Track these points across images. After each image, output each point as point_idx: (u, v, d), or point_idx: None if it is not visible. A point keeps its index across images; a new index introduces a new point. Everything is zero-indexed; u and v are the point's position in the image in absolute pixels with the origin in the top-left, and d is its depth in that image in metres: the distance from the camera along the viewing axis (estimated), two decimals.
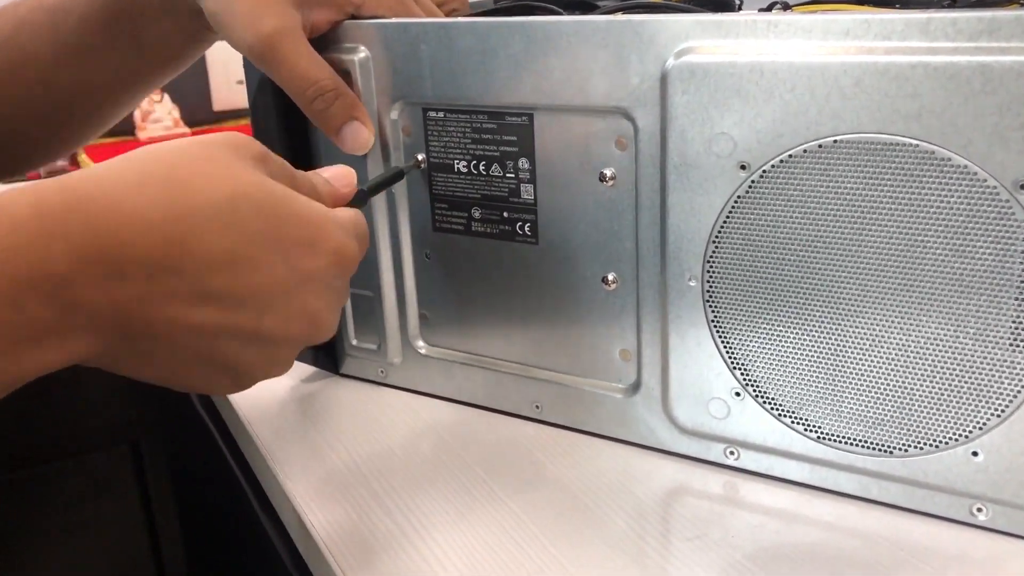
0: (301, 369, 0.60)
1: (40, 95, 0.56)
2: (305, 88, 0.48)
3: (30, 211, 0.31)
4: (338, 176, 0.43)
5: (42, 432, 0.98)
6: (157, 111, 1.41)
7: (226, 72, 1.49)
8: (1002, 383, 0.38)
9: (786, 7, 0.50)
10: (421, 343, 0.55)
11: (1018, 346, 0.37)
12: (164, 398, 1.02)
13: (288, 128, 0.54)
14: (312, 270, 0.37)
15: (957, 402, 0.39)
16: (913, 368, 0.40)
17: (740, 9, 0.63)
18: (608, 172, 0.46)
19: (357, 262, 0.40)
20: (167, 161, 0.35)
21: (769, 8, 0.52)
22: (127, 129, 1.42)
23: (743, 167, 0.41)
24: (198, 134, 1.44)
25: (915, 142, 0.37)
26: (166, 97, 1.42)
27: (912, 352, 0.40)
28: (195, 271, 0.33)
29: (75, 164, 1.27)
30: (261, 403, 0.56)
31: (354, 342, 0.57)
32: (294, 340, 0.38)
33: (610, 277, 0.47)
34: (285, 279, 0.36)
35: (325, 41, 0.51)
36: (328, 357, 0.59)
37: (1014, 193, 0.36)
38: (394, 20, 0.50)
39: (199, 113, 1.48)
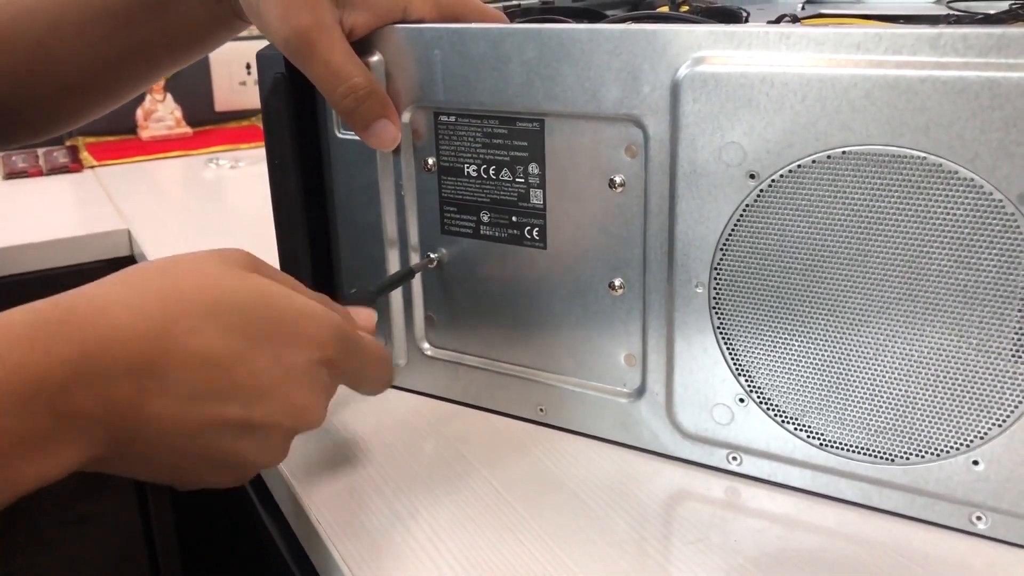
0: None
1: (61, 65, 0.56)
2: (337, 85, 0.48)
3: (27, 328, 0.33)
4: (360, 316, 0.47)
5: None
6: (159, 110, 1.41)
7: (229, 73, 1.49)
8: (1003, 394, 0.39)
9: (794, 20, 0.50)
10: (427, 345, 0.56)
11: (1020, 357, 0.38)
12: None
13: (299, 128, 0.55)
14: (296, 363, 0.39)
15: (959, 412, 0.40)
16: (916, 377, 0.40)
17: (747, 21, 0.63)
18: (618, 179, 0.46)
19: (346, 351, 0.42)
20: (156, 273, 0.37)
21: (778, 21, 0.52)
22: (129, 128, 1.43)
23: (752, 176, 0.42)
24: (200, 134, 1.45)
25: (923, 155, 0.38)
26: (169, 97, 1.42)
27: (915, 362, 0.40)
28: (183, 373, 0.35)
29: (77, 162, 1.27)
30: None
31: None
32: (284, 430, 0.40)
33: (617, 282, 0.48)
34: (269, 372, 0.38)
35: None
36: None
37: (1019, 206, 0.37)
38: (407, 25, 0.50)
39: (201, 113, 1.49)
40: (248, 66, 1.50)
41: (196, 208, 1.05)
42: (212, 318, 0.36)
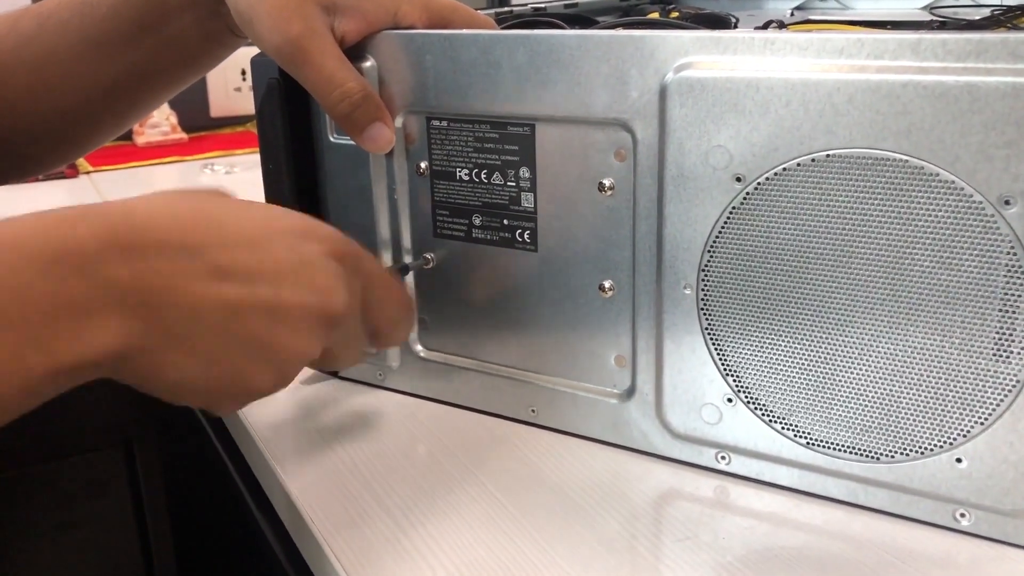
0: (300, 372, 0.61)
1: (61, 92, 0.56)
2: (331, 91, 0.49)
3: (55, 214, 0.34)
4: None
5: (35, 432, 0.99)
6: (155, 116, 1.42)
7: (224, 79, 1.50)
8: (985, 392, 0.39)
9: (781, 26, 0.51)
10: (420, 347, 0.56)
11: (1001, 356, 0.39)
12: (159, 399, 1.03)
13: (293, 133, 0.55)
14: (312, 251, 0.40)
15: (942, 410, 0.41)
16: (900, 377, 0.41)
17: (736, 27, 0.64)
18: (607, 182, 0.47)
19: (355, 265, 0.42)
20: (184, 192, 0.39)
21: (765, 27, 0.53)
22: (124, 133, 1.43)
23: (738, 179, 0.43)
24: (196, 139, 1.45)
25: (905, 158, 0.39)
26: (164, 103, 1.43)
27: (899, 361, 0.41)
28: (214, 250, 0.36)
29: (72, 168, 1.28)
30: (260, 404, 0.57)
31: None
32: (312, 311, 0.40)
33: (607, 284, 0.48)
34: (289, 258, 0.39)
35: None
36: None
37: (998, 208, 0.37)
38: (399, 31, 0.51)
39: (197, 119, 1.49)
40: (244, 72, 1.51)
41: None
42: (231, 213, 0.39)
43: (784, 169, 0.42)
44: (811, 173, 0.41)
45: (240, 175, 1.22)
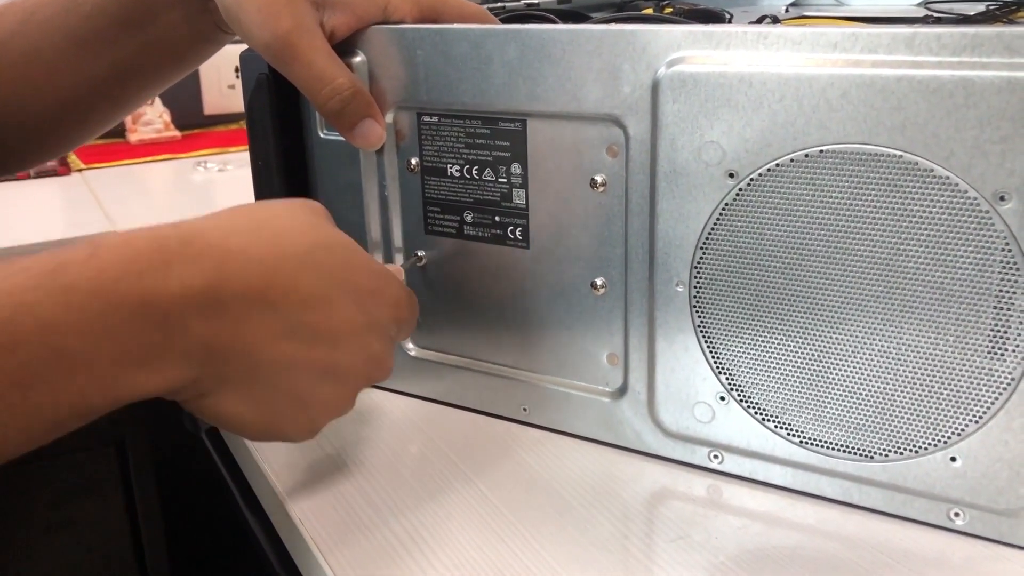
0: None
1: (45, 89, 0.56)
2: (321, 88, 0.48)
3: (150, 244, 0.35)
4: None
5: None
6: (148, 113, 1.41)
7: (218, 76, 1.49)
8: (980, 390, 0.39)
9: (775, 21, 0.51)
10: (411, 346, 0.56)
11: (996, 354, 0.38)
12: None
13: (283, 129, 0.55)
14: (377, 316, 0.42)
15: (936, 408, 0.40)
16: (894, 375, 0.41)
17: (730, 23, 0.64)
18: (599, 178, 0.47)
19: (410, 315, 0.46)
20: (260, 215, 0.40)
21: (759, 22, 0.53)
22: (117, 131, 1.42)
23: (731, 175, 0.42)
24: (189, 137, 1.45)
25: (899, 153, 0.38)
26: (157, 100, 1.42)
27: (893, 359, 0.41)
28: (288, 308, 0.38)
29: (65, 165, 1.27)
30: None
31: None
32: (359, 377, 0.42)
33: (599, 282, 0.48)
34: (355, 320, 0.40)
35: None
36: None
37: (993, 204, 0.37)
38: (390, 26, 0.51)
39: (190, 117, 1.48)
40: (237, 70, 1.50)
41: (184, 211, 1.04)
42: (311, 262, 0.39)
43: (777, 165, 0.41)
44: (804, 169, 0.41)
45: (233, 172, 1.22)
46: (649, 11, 0.70)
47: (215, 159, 1.29)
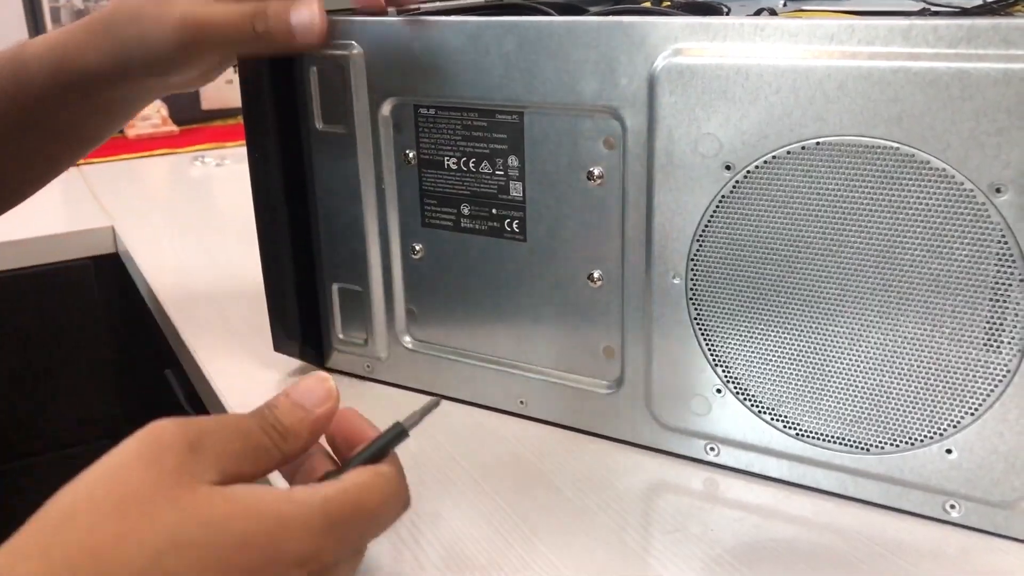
0: (286, 363, 0.60)
1: None
2: (241, 27, 0.49)
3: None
4: (307, 394, 0.36)
5: (22, 427, 0.98)
6: (146, 109, 1.40)
7: None
8: (976, 382, 0.39)
9: (772, 13, 0.51)
10: (408, 338, 0.56)
11: (992, 346, 0.38)
12: (147, 391, 1.02)
13: (280, 122, 0.54)
14: None
15: (932, 401, 0.40)
16: (890, 367, 0.41)
17: (728, 14, 0.64)
18: (596, 171, 0.47)
19: (352, 555, 0.34)
20: (79, 527, 0.29)
21: (756, 14, 0.53)
22: None
23: (728, 167, 0.42)
24: (187, 132, 1.44)
25: (896, 145, 0.38)
26: None
27: (889, 351, 0.41)
28: None
29: None
30: (248, 397, 0.57)
31: (341, 336, 0.58)
32: None
33: (596, 275, 0.48)
34: None
35: None
36: (314, 351, 0.59)
37: (989, 196, 0.37)
38: (387, 18, 0.51)
39: (188, 112, 1.48)
40: (235, 65, 1.50)
41: (181, 205, 1.05)
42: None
43: (774, 157, 0.41)
44: (801, 161, 0.41)
45: (231, 167, 1.22)
46: (647, 3, 0.70)
47: (213, 153, 1.29)
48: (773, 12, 0.51)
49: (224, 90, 1.51)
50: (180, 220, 0.98)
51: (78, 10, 1.37)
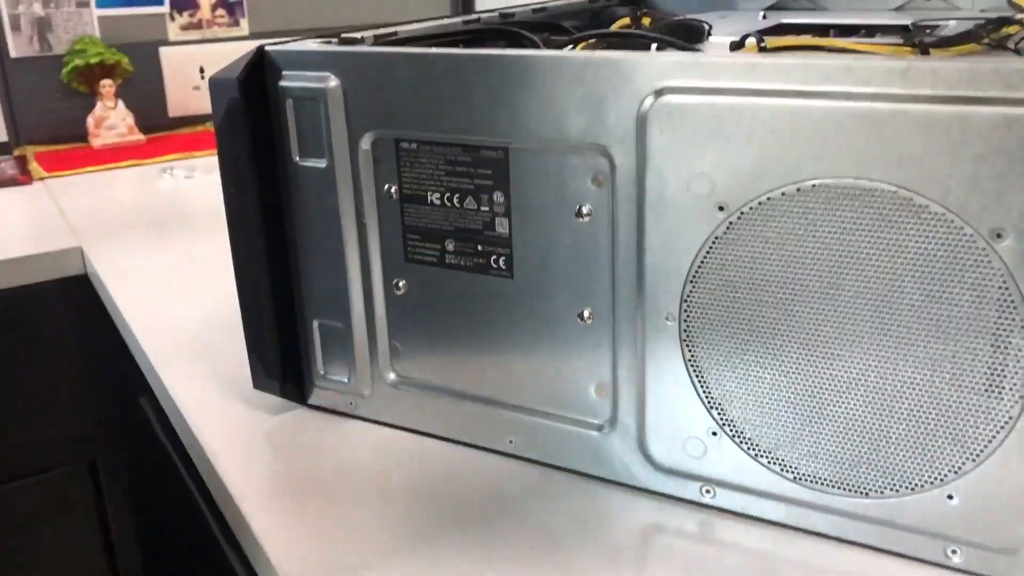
0: (267, 400, 0.59)
1: None
2: None
3: None
4: None
5: None
6: (111, 117, 1.38)
7: (184, 77, 1.46)
8: (977, 428, 0.38)
9: (760, 41, 0.50)
10: (392, 375, 0.55)
11: (993, 392, 0.38)
12: (122, 413, 1.00)
13: (256, 156, 0.53)
14: None
15: (933, 446, 0.40)
16: (889, 411, 0.40)
17: (709, 35, 0.63)
18: (584, 208, 0.45)
19: None
20: None
21: (741, 41, 0.52)
22: (80, 135, 1.39)
23: (721, 208, 0.41)
24: (153, 140, 1.41)
25: (894, 188, 0.37)
26: (120, 103, 1.39)
27: (888, 395, 0.40)
28: None
29: (26, 174, 1.24)
30: (226, 435, 0.55)
31: (322, 372, 0.56)
32: None
33: (586, 313, 0.47)
34: None
35: (301, 65, 0.50)
36: (295, 388, 0.58)
37: (990, 242, 0.36)
38: (366, 49, 0.49)
39: (154, 119, 1.45)
40: (202, 70, 1.47)
41: (151, 222, 1.02)
42: None
43: (769, 198, 0.40)
44: (797, 203, 0.40)
45: (200, 179, 1.19)
46: (626, 21, 0.69)
47: (182, 164, 1.26)
48: (761, 39, 0.50)
49: (191, 96, 1.48)
50: (150, 240, 0.96)
51: (38, 18, 1.33)
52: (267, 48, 0.52)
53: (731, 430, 0.44)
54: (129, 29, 1.41)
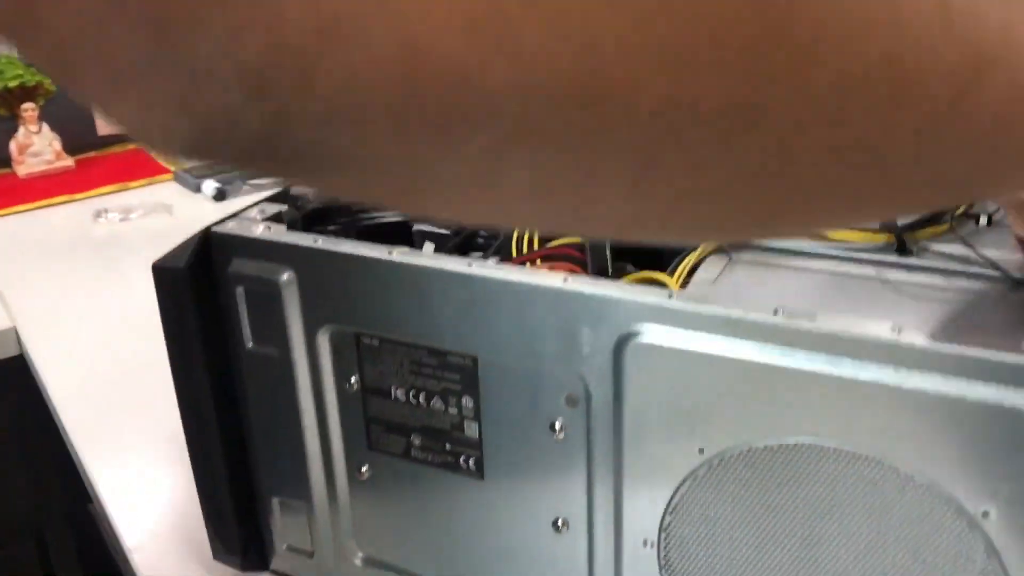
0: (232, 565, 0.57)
1: None
2: None
3: None
4: None
5: None
6: (36, 143, 1.30)
7: None
8: None
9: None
10: (360, 555, 0.53)
11: None
12: (67, 486, 0.97)
13: (205, 343, 0.50)
14: None
15: None
16: None
17: None
18: (558, 424, 0.44)
19: None
20: None
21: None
22: (3, 161, 1.31)
23: (701, 451, 0.40)
24: (83, 164, 1.34)
25: (879, 458, 0.37)
26: (45, 127, 1.31)
27: None
28: None
29: None
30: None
31: (285, 547, 0.55)
32: None
33: (559, 521, 0.46)
34: None
35: (251, 253, 0.47)
36: (257, 556, 0.56)
37: (976, 516, 0.36)
38: (319, 246, 0.46)
39: (83, 139, 1.38)
40: None
41: (90, 287, 0.97)
42: None
43: (750, 449, 0.39)
44: (779, 457, 0.39)
45: (137, 223, 1.14)
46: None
47: (115, 203, 1.20)
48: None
49: None
50: (91, 309, 0.91)
51: None
52: (214, 230, 0.49)
53: None
54: None
